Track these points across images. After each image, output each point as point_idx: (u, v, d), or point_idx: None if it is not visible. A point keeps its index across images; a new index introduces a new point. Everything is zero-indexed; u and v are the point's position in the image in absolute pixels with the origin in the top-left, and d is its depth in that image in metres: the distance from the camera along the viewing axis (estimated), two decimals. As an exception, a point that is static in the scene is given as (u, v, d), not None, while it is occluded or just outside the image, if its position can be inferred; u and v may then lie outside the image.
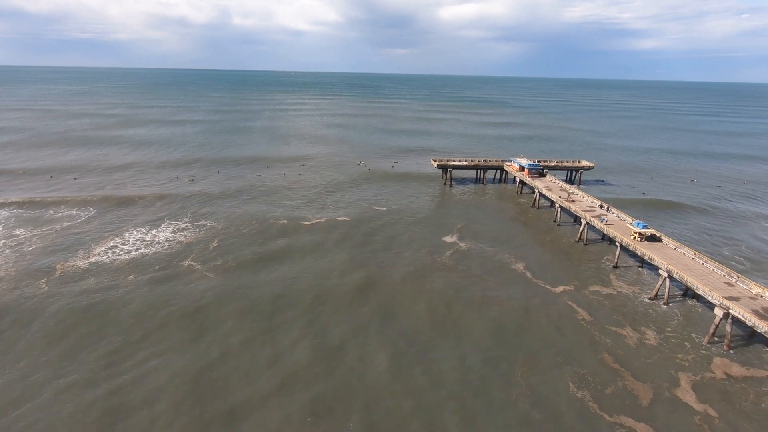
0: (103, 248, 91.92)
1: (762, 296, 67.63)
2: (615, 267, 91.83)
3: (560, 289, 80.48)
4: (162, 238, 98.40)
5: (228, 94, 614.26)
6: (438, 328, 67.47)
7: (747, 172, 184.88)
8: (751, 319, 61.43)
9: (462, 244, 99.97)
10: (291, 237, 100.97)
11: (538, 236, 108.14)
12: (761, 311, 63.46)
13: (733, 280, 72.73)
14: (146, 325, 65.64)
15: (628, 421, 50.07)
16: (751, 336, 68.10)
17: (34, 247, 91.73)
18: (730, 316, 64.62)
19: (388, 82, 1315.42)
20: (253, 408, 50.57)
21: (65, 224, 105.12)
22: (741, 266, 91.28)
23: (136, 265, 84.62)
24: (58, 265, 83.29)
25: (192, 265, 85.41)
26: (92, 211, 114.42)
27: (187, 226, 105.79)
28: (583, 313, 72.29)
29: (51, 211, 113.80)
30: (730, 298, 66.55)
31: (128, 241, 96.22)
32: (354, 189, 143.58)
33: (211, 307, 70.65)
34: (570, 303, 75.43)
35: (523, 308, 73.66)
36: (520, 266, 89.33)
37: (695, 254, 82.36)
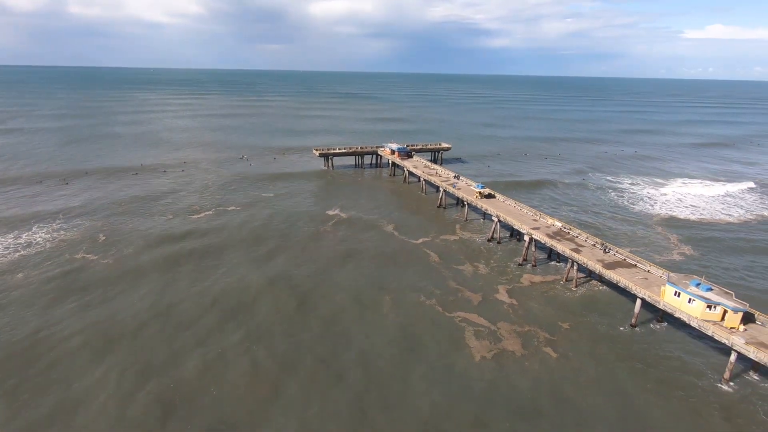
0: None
1: (554, 225, 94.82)
2: (466, 221, 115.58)
3: (420, 240, 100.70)
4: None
5: (76, 94, 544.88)
6: (329, 275, 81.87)
7: (564, 147, 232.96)
8: (544, 239, 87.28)
9: (343, 215, 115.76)
10: (186, 236, 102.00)
11: (406, 205, 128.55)
12: (551, 234, 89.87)
13: (538, 218, 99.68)
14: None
15: (463, 314, 70.51)
16: (549, 256, 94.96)
17: None
18: (533, 241, 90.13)
19: (263, 79, 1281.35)
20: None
21: None
22: (545, 209, 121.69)
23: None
24: None
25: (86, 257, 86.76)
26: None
27: (61, 226, 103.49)
28: (434, 256, 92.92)
29: None
30: (534, 229, 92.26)
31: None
32: (240, 183, 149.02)
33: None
34: (426, 249, 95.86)
35: (389, 255, 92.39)
36: (390, 228, 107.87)
37: (516, 203, 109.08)
